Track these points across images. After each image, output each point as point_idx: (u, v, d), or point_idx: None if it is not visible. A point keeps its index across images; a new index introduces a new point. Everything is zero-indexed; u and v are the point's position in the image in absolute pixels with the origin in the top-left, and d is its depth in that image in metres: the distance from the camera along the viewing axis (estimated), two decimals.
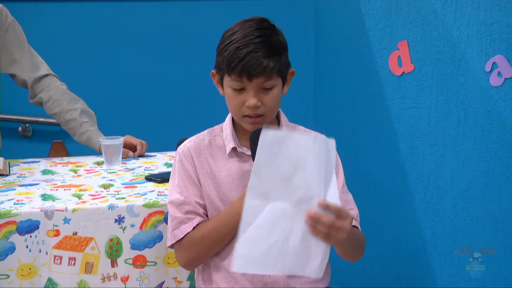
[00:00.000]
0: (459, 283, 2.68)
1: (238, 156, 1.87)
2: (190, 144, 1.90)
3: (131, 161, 2.53)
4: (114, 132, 2.55)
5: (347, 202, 1.88)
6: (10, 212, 1.91)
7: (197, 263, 1.88)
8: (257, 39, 1.75)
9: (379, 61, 3.06)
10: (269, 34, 1.79)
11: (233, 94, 1.79)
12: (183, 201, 1.84)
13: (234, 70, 1.74)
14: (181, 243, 1.83)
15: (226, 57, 1.76)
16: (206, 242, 1.81)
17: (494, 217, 2.54)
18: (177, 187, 1.86)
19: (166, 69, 3.58)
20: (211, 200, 1.85)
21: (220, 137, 1.90)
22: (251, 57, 1.73)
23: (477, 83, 2.55)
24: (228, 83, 1.79)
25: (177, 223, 1.83)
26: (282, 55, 1.80)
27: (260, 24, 1.80)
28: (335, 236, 1.54)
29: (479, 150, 2.58)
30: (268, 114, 1.81)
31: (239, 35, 1.76)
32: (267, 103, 1.78)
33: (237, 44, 1.75)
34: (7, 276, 1.91)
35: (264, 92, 1.78)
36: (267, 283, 1.82)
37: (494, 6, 2.46)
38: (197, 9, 3.59)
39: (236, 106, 1.79)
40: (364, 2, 3.15)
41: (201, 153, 1.88)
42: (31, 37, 2.76)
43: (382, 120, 3.08)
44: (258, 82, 1.76)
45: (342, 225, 1.54)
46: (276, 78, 1.78)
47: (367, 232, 2.02)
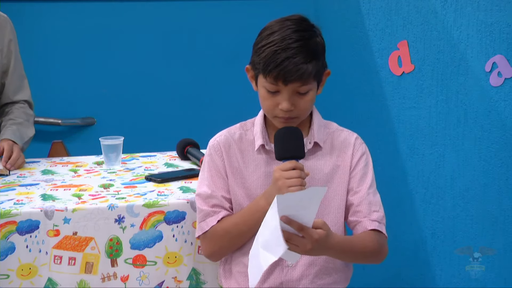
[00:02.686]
0: (459, 283, 2.68)
1: (266, 153, 1.86)
2: (221, 138, 1.89)
3: (131, 161, 2.53)
4: (114, 132, 2.55)
5: (371, 204, 1.86)
6: (10, 212, 1.91)
7: (220, 256, 1.90)
8: (296, 44, 1.72)
9: (379, 61, 3.06)
10: (308, 37, 1.76)
11: (267, 95, 1.77)
12: (210, 195, 1.85)
13: (270, 74, 1.72)
14: (205, 235, 1.85)
15: (263, 59, 1.73)
16: (227, 236, 1.83)
17: (494, 217, 2.54)
18: (206, 180, 1.87)
19: (166, 69, 3.58)
20: (236, 196, 1.86)
21: (251, 131, 1.89)
22: (289, 63, 1.70)
23: (477, 83, 2.55)
24: (263, 83, 1.77)
25: (203, 216, 1.85)
26: (319, 59, 1.77)
27: (299, 25, 1.78)
28: (294, 248, 1.57)
29: (479, 150, 2.58)
30: (301, 116, 1.80)
31: (278, 37, 1.73)
32: (301, 106, 1.77)
33: (275, 47, 1.72)
34: (7, 276, 1.91)
35: (298, 96, 1.76)
36: (283, 282, 1.82)
37: (494, 6, 2.46)
38: (197, 9, 3.59)
39: (269, 107, 1.78)
40: (364, 2, 3.15)
41: (231, 148, 1.88)
42: (31, 37, 2.76)
43: (382, 120, 3.08)
44: (293, 87, 1.74)
45: (301, 241, 1.57)
46: (312, 83, 1.77)
47: None
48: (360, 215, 1.84)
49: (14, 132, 2.50)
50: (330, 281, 1.85)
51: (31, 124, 2.64)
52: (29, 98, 2.68)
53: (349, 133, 1.92)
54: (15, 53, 2.61)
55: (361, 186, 1.86)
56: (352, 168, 1.87)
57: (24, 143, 2.53)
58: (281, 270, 1.83)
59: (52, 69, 3.47)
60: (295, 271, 1.83)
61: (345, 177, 1.86)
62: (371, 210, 1.84)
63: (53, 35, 3.45)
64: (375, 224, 1.84)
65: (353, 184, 1.86)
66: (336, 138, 1.89)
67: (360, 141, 1.90)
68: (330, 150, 1.87)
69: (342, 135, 1.90)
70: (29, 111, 2.66)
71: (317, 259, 1.83)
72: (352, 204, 1.85)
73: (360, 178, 1.86)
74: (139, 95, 3.57)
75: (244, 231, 1.81)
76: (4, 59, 2.58)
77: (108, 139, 2.43)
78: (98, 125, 3.54)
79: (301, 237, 1.57)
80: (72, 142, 3.35)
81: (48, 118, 3.42)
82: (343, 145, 1.88)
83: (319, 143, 1.86)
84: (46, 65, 3.44)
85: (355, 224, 1.85)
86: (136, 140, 2.98)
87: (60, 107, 3.49)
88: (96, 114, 3.55)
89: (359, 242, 1.81)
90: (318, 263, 1.83)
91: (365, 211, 1.84)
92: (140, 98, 3.58)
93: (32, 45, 2.86)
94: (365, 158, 1.89)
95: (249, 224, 1.78)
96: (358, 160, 1.87)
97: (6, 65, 2.59)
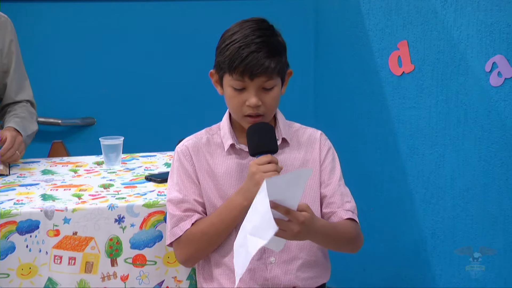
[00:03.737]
0: (459, 283, 2.68)
1: (236, 153, 1.89)
2: (189, 143, 1.92)
3: (131, 161, 2.53)
4: (114, 132, 2.55)
5: (343, 195, 1.91)
6: (10, 212, 1.91)
7: (196, 259, 1.89)
8: (258, 39, 1.77)
9: (379, 61, 3.06)
10: (269, 35, 1.81)
11: (234, 93, 1.80)
12: (182, 199, 1.85)
13: (236, 70, 1.76)
14: (180, 240, 1.84)
15: (227, 57, 1.77)
16: (204, 237, 1.82)
17: (494, 217, 2.54)
18: (176, 185, 1.88)
19: (166, 69, 3.58)
20: (210, 198, 1.86)
21: (218, 135, 1.92)
22: (253, 57, 1.75)
23: (477, 83, 2.55)
24: (229, 82, 1.80)
25: (176, 221, 1.84)
26: (282, 55, 1.82)
27: (259, 25, 1.82)
28: (281, 233, 1.59)
29: (479, 150, 2.58)
30: (268, 114, 1.83)
31: (240, 35, 1.78)
32: (268, 102, 1.80)
33: (238, 44, 1.76)
34: (7, 275, 1.91)
35: (264, 92, 1.80)
36: (268, 278, 1.83)
37: (494, 6, 2.46)
38: (196, 9, 3.59)
39: (237, 106, 1.81)
40: (364, 2, 3.15)
41: (200, 152, 1.89)
42: (30, 37, 2.76)
43: (382, 120, 3.08)
44: (259, 82, 1.77)
45: (288, 225, 1.60)
46: (276, 78, 1.80)
47: (367, 232, 2.03)
48: (334, 206, 1.89)
49: (18, 123, 2.50)
50: (313, 274, 1.88)
51: (34, 121, 2.64)
52: (31, 98, 2.68)
53: (313, 130, 1.98)
54: (16, 53, 2.61)
55: (331, 179, 1.91)
56: (322, 162, 1.92)
57: (27, 137, 2.52)
58: (264, 267, 1.84)
59: (52, 69, 3.46)
60: (279, 267, 1.85)
61: (316, 170, 1.91)
62: (343, 200, 1.90)
63: (53, 35, 3.45)
64: (349, 213, 1.89)
65: (324, 177, 1.91)
66: (302, 136, 1.95)
67: (325, 137, 1.97)
68: (297, 146, 1.93)
69: (307, 132, 1.96)
70: (32, 110, 2.66)
71: (299, 253, 1.86)
72: (325, 196, 1.91)
73: (330, 171, 1.92)
74: (139, 95, 3.57)
75: (222, 229, 1.81)
76: (4, 59, 2.58)
77: (108, 139, 2.44)
78: (98, 125, 3.54)
79: (288, 221, 1.60)
80: (72, 142, 3.35)
81: (48, 118, 3.42)
82: (309, 141, 1.94)
83: (286, 139, 1.91)
84: (46, 65, 3.43)
85: (330, 215, 1.89)
86: (136, 140, 2.99)
87: (60, 107, 3.49)
88: (96, 114, 3.55)
89: (342, 228, 1.85)
90: (301, 257, 1.86)
91: (338, 202, 1.89)
92: (140, 98, 3.58)
93: (32, 45, 2.86)
94: (332, 152, 1.95)
95: (226, 222, 1.79)
96: (326, 154, 1.93)
97: (6, 66, 2.59)
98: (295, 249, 1.86)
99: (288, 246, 1.85)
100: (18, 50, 2.64)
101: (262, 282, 1.83)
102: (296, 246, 1.86)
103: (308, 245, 1.87)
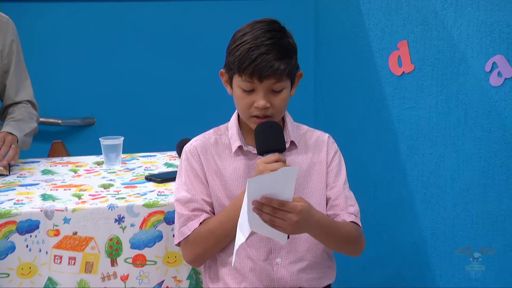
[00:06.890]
0: (459, 283, 2.68)
1: (244, 155, 1.89)
2: (197, 143, 1.91)
3: (131, 161, 2.54)
4: (114, 132, 2.55)
5: (348, 198, 1.91)
6: (10, 212, 1.92)
7: (204, 259, 1.89)
8: (269, 41, 1.77)
9: (379, 61, 3.06)
10: (280, 37, 1.80)
11: (243, 94, 1.80)
12: (190, 199, 1.85)
13: (245, 71, 1.76)
14: (188, 239, 1.85)
15: (237, 58, 1.77)
16: (212, 237, 1.83)
17: (494, 217, 2.53)
18: (184, 185, 1.88)
19: (166, 69, 3.59)
20: (218, 198, 1.86)
21: (226, 135, 1.91)
22: (263, 59, 1.74)
23: (477, 83, 2.55)
24: (238, 83, 1.80)
25: (184, 221, 1.85)
26: (292, 57, 1.81)
27: (270, 26, 1.82)
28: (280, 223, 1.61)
29: (479, 150, 2.57)
30: (276, 116, 1.83)
31: (251, 36, 1.78)
32: (276, 105, 1.80)
33: (248, 45, 1.76)
34: (7, 274, 1.91)
35: (273, 94, 1.80)
36: (274, 279, 1.83)
37: (494, 6, 2.46)
38: (198, 9, 3.59)
39: (245, 107, 1.80)
40: (364, 2, 3.15)
41: (208, 152, 1.89)
42: (31, 37, 2.76)
43: (382, 120, 3.08)
44: (268, 84, 1.77)
45: (286, 215, 1.61)
46: (285, 80, 1.80)
47: (367, 232, 2.02)
48: (337, 208, 1.90)
49: (12, 126, 2.50)
50: (318, 275, 1.89)
51: (34, 120, 2.63)
52: (32, 98, 2.68)
53: (321, 133, 1.98)
54: (16, 53, 2.61)
55: (337, 182, 1.92)
56: (328, 164, 1.93)
57: (26, 135, 2.51)
58: (271, 268, 1.85)
59: (52, 69, 3.47)
60: (285, 268, 1.85)
61: (322, 173, 1.92)
62: (347, 204, 1.90)
63: (53, 35, 3.45)
64: (352, 217, 1.89)
65: (329, 180, 1.92)
66: (309, 138, 1.95)
67: (332, 140, 1.98)
68: (305, 148, 1.93)
69: (314, 135, 1.96)
70: (32, 111, 2.65)
71: (305, 254, 1.86)
72: (330, 199, 1.91)
73: (335, 174, 1.92)
74: (139, 95, 3.58)
75: (230, 228, 1.81)
76: (5, 59, 2.58)
77: (108, 139, 2.44)
78: (98, 125, 3.54)
79: (286, 211, 1.61)
80: (72, 142, 3.35)
81: (48, 118, 3.42)
82: (316, 143, 1.94)
83: (295, 142, 1.91)
84: (46, 65, 3.44)
85: (333, 218, 1.90)
86: (136, 140, 2.99)
87: (60, 107, 3.49)
88: (96, 114, 3.55)
89: (343, 227, 1.86)
90: (307, 258, 1.87)
91: (342, 204, 1.90)
92: (140, 98, 3.58)
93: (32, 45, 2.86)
94: (339, 155, 1.96)
95: (234, 221, 1.79)
96: (333, 157, 1.94)
97: (7, 66, 2.59)
98: (301, 250, 1.87)
99: (295, 247, 1.86)
100: (19, 50, 2.64)
101: (268, 282, 1.84)
102: (302, 247, 1.87)
103: (314, 246, 1.87)
